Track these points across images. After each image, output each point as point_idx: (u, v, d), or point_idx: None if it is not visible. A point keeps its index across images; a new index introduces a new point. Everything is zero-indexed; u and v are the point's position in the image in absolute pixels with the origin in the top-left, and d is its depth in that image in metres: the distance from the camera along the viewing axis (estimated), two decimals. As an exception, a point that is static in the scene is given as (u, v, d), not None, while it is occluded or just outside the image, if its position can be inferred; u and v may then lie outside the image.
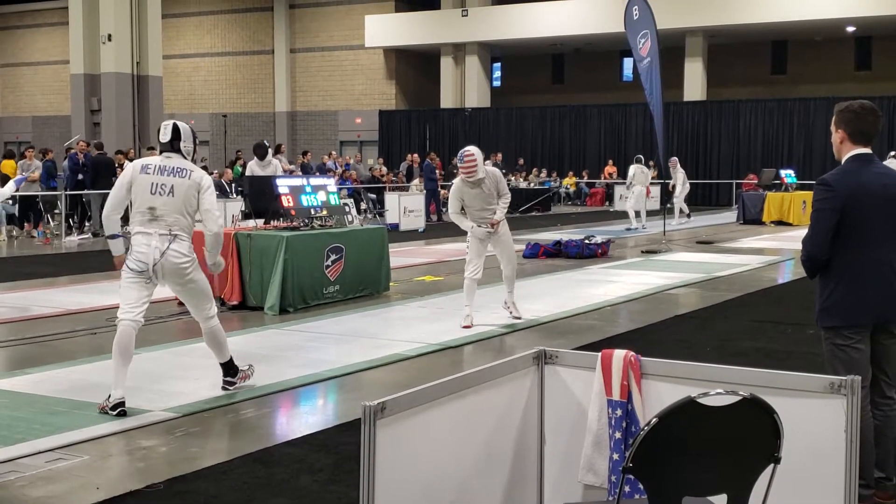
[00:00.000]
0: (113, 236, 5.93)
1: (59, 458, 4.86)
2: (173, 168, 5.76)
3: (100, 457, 4.91)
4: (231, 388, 6.19)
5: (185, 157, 5.87)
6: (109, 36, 23.23)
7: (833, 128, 4.13)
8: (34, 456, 4.86)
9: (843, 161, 4.09)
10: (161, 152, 5.90)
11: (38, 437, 5.16)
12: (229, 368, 6.22)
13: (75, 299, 10.21)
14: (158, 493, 4.39)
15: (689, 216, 23.10)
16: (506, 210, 8.55)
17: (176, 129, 5.87)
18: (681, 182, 22.26)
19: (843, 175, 4.01)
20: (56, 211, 18.88)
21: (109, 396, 5.65)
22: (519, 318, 8.87)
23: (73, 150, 19.69)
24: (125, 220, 6.06)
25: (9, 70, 41.77)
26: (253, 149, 13.92)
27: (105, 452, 4.99)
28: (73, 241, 17.26)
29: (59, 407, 5.80)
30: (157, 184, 5.70)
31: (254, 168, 13.38)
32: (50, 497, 4.33)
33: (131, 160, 21.48)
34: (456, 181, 8.46)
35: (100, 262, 12.96)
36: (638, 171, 20.24)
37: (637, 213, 20.42)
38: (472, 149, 8.30)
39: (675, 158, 22.55)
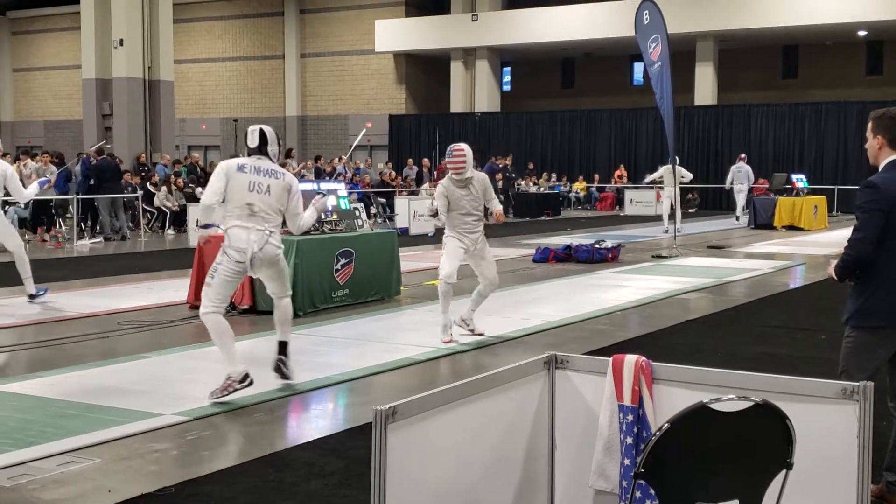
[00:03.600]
0: (206, 226, 6.60)
1: (71, 461, 4.87)
2: (267, 169, 6.14)
3: (112, 460, 4.92)
4: (284, 368, 6.42)
5: (273, 160, 6.24)
6: (121, 41, 23.33)
7: (870, 134, 4.20)
8: (46, 459, 4.87)
9: (881, 166, 4.15)
10: (249, 155, 6.25)
11: (50, 440, 5.17)
12: (285, 348, 6.46)
13: (87, 303, 10.24)
14: (170, 496, 4.40)
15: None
16: (499, 206, 8.22)
17: (263, 134, 6.23)
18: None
19: (886, 178, 4.07)
20: (68, 215, 18.96)
21: (228, 377, 5.98)
22: (482, 335, 8.31)
23: (85, 155, 19.77)
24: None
25: (21, 75, 42.00)
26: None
27: (117, 455, 5.00)
28: (84, 245, 17.32)
29: (71, 410, 5.82)
30: (254, 182, 6.07)
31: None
32: (62, 500, 4.34)
33: (142, 163, 21.74)
34: (443, 181, 8.12)
35: (112, 267, 13.02)
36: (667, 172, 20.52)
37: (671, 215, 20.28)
38: (463, 145, 8.03)
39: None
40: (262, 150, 6.21)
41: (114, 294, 10.96)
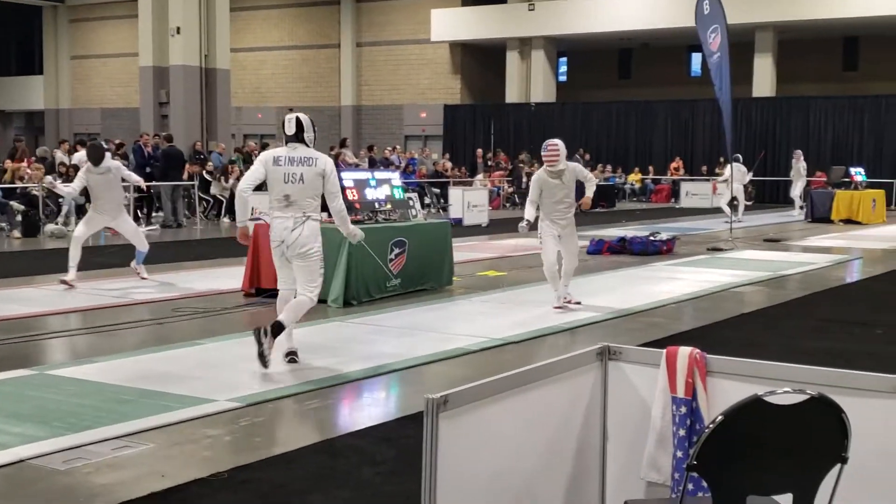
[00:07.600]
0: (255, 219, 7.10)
1: (125, 445, 4.94)
2: (301, 158, 6.48)
3: (165, 445, 4.99)
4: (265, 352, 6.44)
5: (309, 146, 6.56)
6: (178, 29, 23.58)
7: None
8: (101, 443, 4.94)
9: None
10: (287, 143, 6.59)
11: (105, 424, 5.25)
12: (279, 329, 6.53)
13: (142, 290, 10.40)
14: (222, 481, 4.45)
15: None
16: (594, 190, 9.30)
17: (299, 122, 6.57)
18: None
19: None
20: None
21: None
22: (579, 304, 9.38)
23: (138, 143, 20.07)
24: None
25: (78, 62, 42.66)
26: (87, 153, 11.15)
27: (170, 441, 5.07)
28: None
29: (125, 395, 5.91)
30: (288, 173, 6.44)
31: (86, 176, 10.62)
32: (116, 484, 4.40)
33: (198, 152, 22.01)
34: (539, 171, 9.14)
35: (167, 254, 13.22)
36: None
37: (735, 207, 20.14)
38: (557, 140, 9.01)
39: (799, 151, 25.00)
40: (298, 137, 6.53)
41: (169, 281, 11.12)
